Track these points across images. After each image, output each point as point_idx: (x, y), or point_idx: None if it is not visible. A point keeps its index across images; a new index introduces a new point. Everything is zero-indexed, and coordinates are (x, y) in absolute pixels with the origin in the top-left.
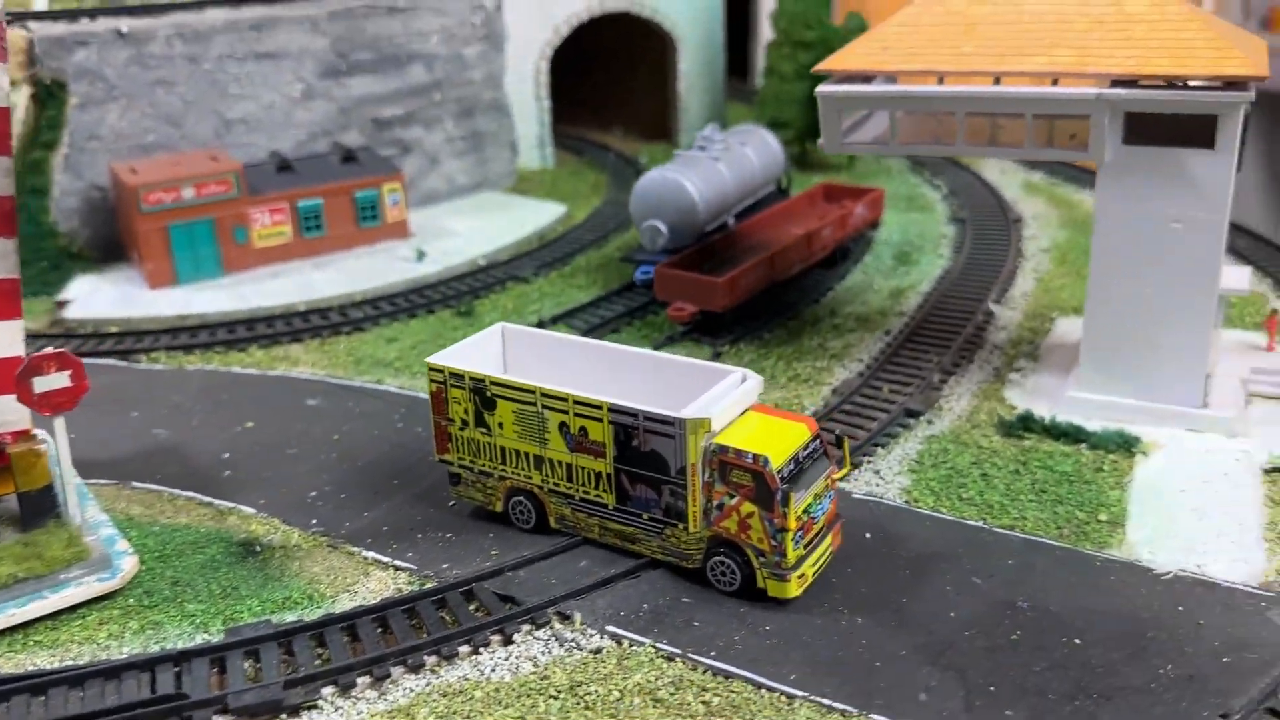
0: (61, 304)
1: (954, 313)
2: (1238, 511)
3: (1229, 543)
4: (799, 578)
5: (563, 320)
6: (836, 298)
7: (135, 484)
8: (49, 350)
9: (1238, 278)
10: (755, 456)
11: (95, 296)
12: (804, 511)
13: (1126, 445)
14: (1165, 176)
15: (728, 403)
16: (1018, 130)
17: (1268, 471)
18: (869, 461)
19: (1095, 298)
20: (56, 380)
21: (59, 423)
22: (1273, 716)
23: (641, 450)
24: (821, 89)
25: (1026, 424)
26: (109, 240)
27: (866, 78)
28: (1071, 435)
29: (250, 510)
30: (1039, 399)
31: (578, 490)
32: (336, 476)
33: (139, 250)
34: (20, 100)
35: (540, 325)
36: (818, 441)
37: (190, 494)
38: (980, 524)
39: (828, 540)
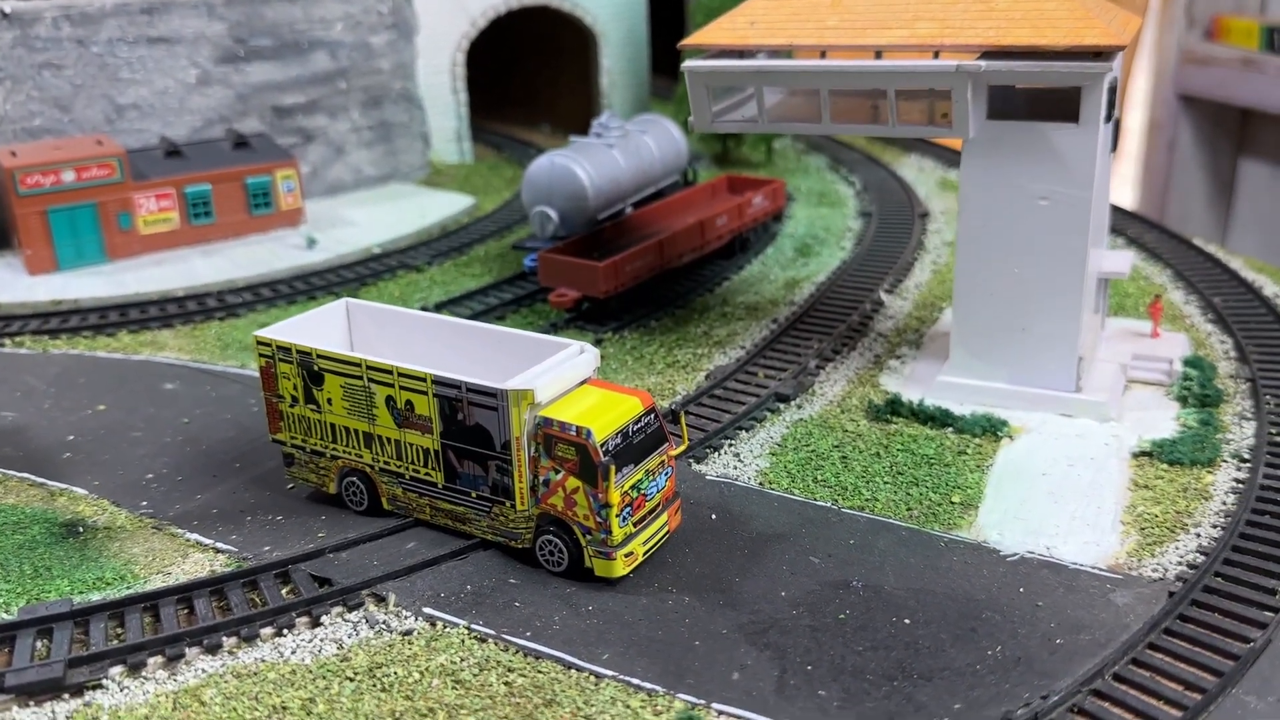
0: None
1: (843, 302)
2: (1097, 495)
3: (1083, 525)
4: (626, 556)
5: (448, 306)
6: (731, 287)
7: None
8: None
9: (1118, 261)
10: (579, 429)
11: None
12: (632, 487)
13: (993, 429)
14: (1030, 152)
15: (556, 375)
16: (889, 109)
17: (1135, 455)
18: (730, 445)
19: (963, 280)
20: None
21: None
22: (1097, 698)
23: (467, 424)
24: (688, 64)
25: (894, 408)
26: None
27: (739, 53)
28: (939, 419)
29: (82, 492)
30: (914, 385)
31: (407, 469)
32: (177, 460)
33: (18, 235)
34: None
35: (423, 310)
36: (651, 416)
37: (24, 475)
38: (829, 505)
39: (663, 519)
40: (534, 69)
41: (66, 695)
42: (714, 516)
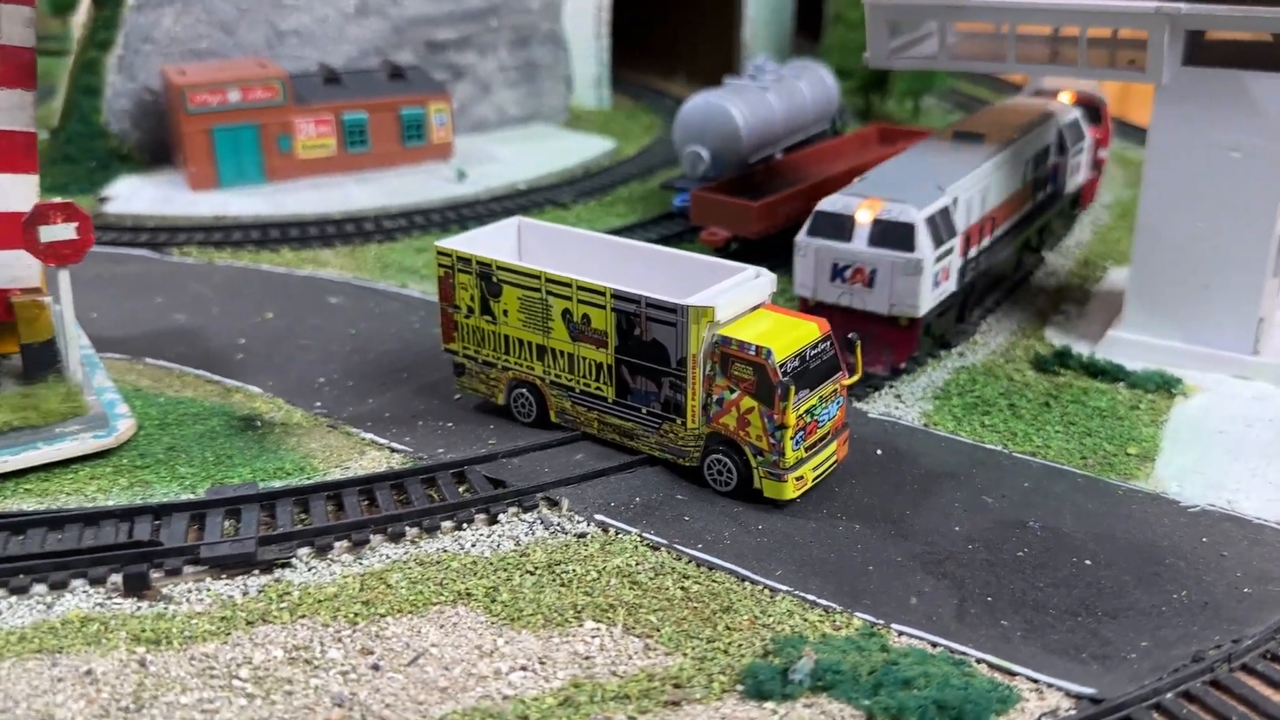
0: (103, 200)
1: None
2: (1278, 454)
3: (1264, 483)
4: (797, 479)
5: None
6: None
7: (148, 360)
8: (56, 200)
9: None
10: (758, 349)
11: (137, 195)
12: (806, 411)
13: (1166, 386)
14: (1227, 101)
15: (735, 295)
16: (1075, 51)
17: None
18: (891, 386)
19: (1144, 234)
20: (63, 231)
21: (63, 275)
22: None
23: (643, 340)
24: None
25: (1063, 360)
26: (157, 144)
27: None
28: (1110, 374)
29: (256, 390)
30: (1080, 340)
31: (579, 382)
32: (346, 367)
33: (183, 152)
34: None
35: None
36: (828, 343)
37: (200, 372)
38: (999, 448)
39: (832, 447)
40: (673, 19)
41: (257, 570)
42: (879, 452)
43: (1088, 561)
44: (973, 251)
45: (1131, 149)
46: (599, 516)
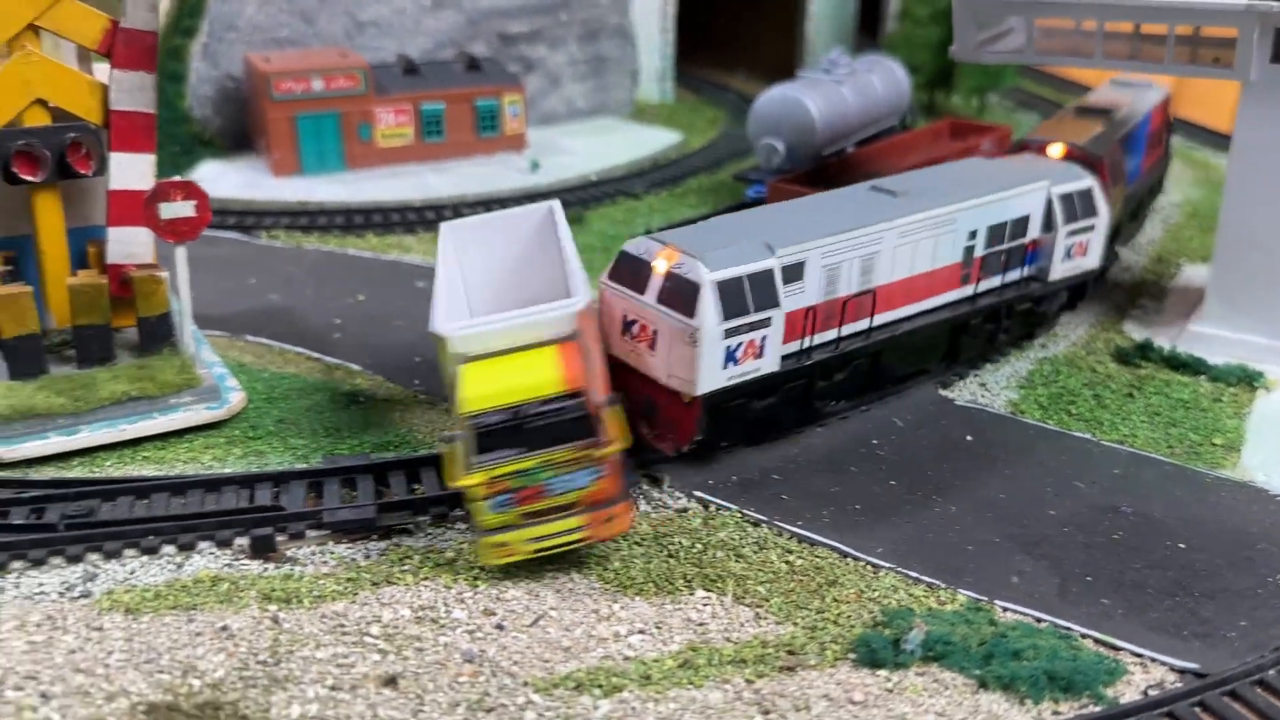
0: None
1: None
2: None
3: None
4: (497, 546)
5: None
6: None
7: (248, 337)
8: (176, 178)
9: None
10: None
11: (221, 180)
12: (521, 474)
13: (1248, 380)
14: None
15: (508, 327)
16: (1159, 47)
17: None
18: (975, 375)
19: (1227, 229)
20: (182, 209)
21: (180, 252)
22: None
23: None
24: None
25: (1144, 352)
26: (239, 130)
27: None
28: (1191, 367)
29: (356, 367)
30: (1159, 334)
31: None
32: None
33: (267, 138)
34: None
35: (647, 234)
36: (573, 402)
37: (300, 349)
38: (1087, 436)
39: (574, 522)
40: (734, 13)
41: (376, 535)
42: (969, 438)
43: (1181, 545)
44: (829, 334)
45: (1196, 149)
46: (698, 493)
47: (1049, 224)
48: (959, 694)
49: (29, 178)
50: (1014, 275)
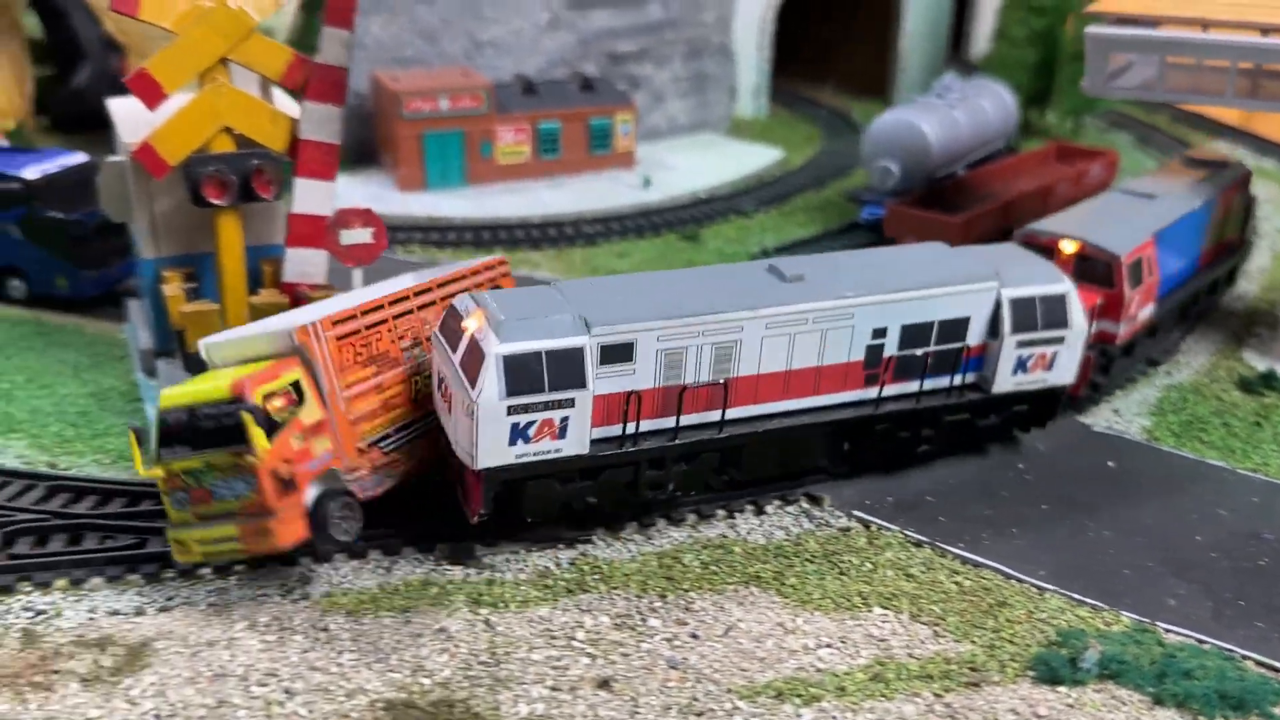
0: None
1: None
2: None
3: None
4: (177, 543)
5: (784, 253)
6: None
7: None
8: (357, 206)
9: None
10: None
11: (348, 194)
12: (189, 474)
13: None
14: None
15: (241, 336)
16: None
17: None
18: (1107, 401)
19: None
20: (361, 235)
21: (356, 274)
22: None
23: None
24: (1091, 30)
25: (1268, 382)
26: (362, 145)
27: (1135, 22)
28: None
29: None
30: (1278, 361)
31: None
32: None
33: (395, 154)
34: (290, 6)
35: (764, 254)
36: (232, 410)
37: None
38: (1223, 464)
39: (230, 530)
40: (824, 28)
41: (561, 544)
42: (1111, 464)
43: None
44: (666, 421)
45: None
46: (857, 513)
47: (995, 330)
48: (1136, 710)
49: (216, 201)
50: (943, 382)
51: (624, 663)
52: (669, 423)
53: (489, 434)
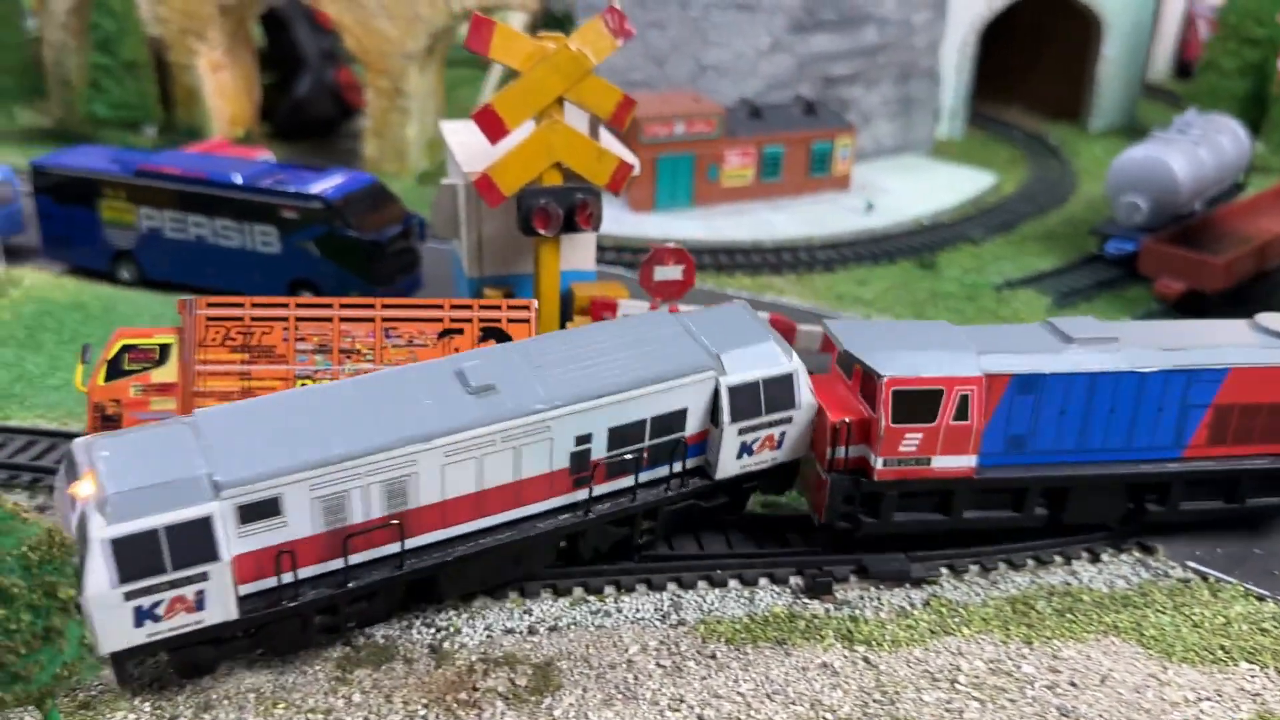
0: None
1: None
2: None
3: None
4: None
5: (1029, 285)
6: None
7: None
8: (671, 245)
9: None
10: None
11: None
12: None
13: None
14: None
15: None
16: None
17: None
18: None
19: None
20: (672, 272)
21: (663, 308)
22: None
23: None
24: None
25: None
26: None
27: None
28: None
29: None
30: None
31: None
32: None
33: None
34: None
35: (1008, 286)
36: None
37: None
38: None
39: None
40: (1015, 50)
41: (908, 584)
42: None
43: None
44: (333, 564)
45: None
46: (1190, 564)
47: (716, 418)
48: None
49: (543, 231)
50: (661, 471)
51: (1013, 708)
52: (338, 564)
53: (107, 622)
